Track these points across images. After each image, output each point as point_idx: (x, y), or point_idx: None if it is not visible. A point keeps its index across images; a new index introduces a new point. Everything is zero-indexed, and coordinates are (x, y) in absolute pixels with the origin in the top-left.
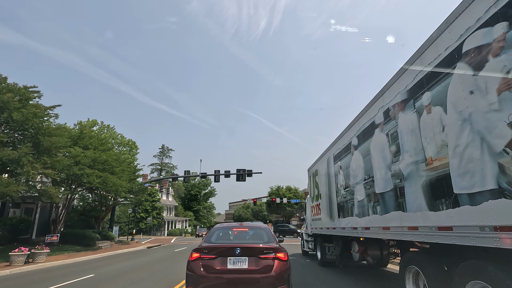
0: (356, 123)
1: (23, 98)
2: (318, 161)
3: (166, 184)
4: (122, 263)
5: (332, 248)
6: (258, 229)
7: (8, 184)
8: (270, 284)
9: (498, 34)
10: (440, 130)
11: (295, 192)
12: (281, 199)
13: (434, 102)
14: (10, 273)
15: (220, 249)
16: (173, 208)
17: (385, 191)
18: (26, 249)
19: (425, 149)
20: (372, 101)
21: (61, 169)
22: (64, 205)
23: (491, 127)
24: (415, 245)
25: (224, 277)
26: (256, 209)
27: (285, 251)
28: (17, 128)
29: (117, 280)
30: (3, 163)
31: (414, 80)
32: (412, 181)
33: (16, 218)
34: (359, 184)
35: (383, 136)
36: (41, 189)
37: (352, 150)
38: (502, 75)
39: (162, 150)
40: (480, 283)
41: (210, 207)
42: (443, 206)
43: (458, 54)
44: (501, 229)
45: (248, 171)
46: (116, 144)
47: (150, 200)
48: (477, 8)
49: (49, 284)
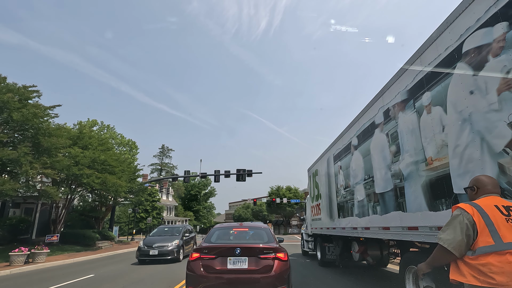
0: (356, 123)
1: (22, 98)
2: (318, 161)
3: (166, 184)
4: (122, 263)
5: (332, 248)
6: (258, 229)
7: (3, 183)
8: (270, 284)
9: (498, 34)
10: (440, 130)
11: (295, 192)
12: (281, 199)
13: (434, 102)
14: (10, 273)
15: (220, 249)
16: (173, 208)
17: (385, 191)
18: (26, 249)
19: (425, 149)
20: (372, 101)
21: (61, 169)
22: (64, 205)
23: (491, 127)
24: (415, 245)
25: (224, 277)
26: (256, 209)
27: (285, 251)
28: (17, 128)
29: (117, 280)
30: (3, 163)
31: (414, 80)
32: (412, 181)
33: (16, 218)
34: (359, 184)
35: (383, 136)
36: (41, 189)
37: (352, 150)
38: (502, 75)
39: (162, 150)
40: None
41: (210, 207)
42: (443, 206)
43: (458, 54)
44: None
45: (248, 171)
46: (116, 144)
47: (150, 200)
48: (477, 8)
49: (49, 284)
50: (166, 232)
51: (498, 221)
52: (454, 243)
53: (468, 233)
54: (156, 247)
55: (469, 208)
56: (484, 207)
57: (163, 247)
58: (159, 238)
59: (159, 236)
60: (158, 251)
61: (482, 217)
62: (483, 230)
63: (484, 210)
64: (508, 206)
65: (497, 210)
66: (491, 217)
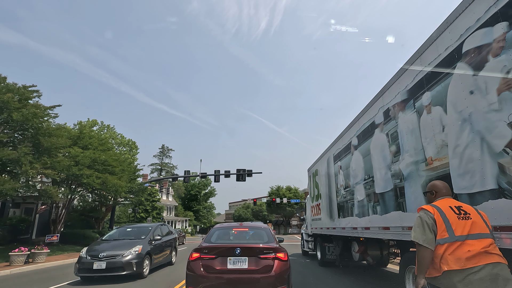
0: (356, 123)
1: (22, 98)
2: (318, 161)
3: (166, 184)
4: None
5: (332, 248)
6: (258, 229)
7: (4, 183)
8: (270, 284)
9: (498, 34)
10: (440, 130)
11: (295, 192)
12: (281, 199)
13: (434, 102)
14: (10, 273)
15: (220, 249)
16: (173, 208)
17: (385, 191)
18: (26, 249)
19: (425, 149)
20: (372, 101)
21: (61, 170)
22: (64, 205)
23: (491, 127)
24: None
25: (224, 277)
26: (256, 209)
27: (285, 251)
28: (17, 128)
29: (116, 279)
30: (3, 163)
31: (414, 80)
32: (412, 181)
33: (16, 218)
34: (359, 184)
35: (383, 136)
36: (41, 189)
37: (352, 150)
38: (502, 75)
39: (162, 150)
40: None
41: (210, 207)
42: None
43: (458, 54)
44: (501, 229)
45: (248, 171)
46: (116, 144)
47: (150, 200)
48: (477, 8)
49: (49, 284)
50: (128, 234)
51: (451, 218)
52: (427, 239)
53: (433, 228)
54: (104, 258)
55: (431, 209)
56: (441, 207)
57: (114, 257)
58: (113, 244)
59: (115, 241)
60: (107, 263)
61: (441, 216)
62: (441, 226)
63: (442, 210)
64: (459, 206)
65: (451, 210)
66: (447, 215)
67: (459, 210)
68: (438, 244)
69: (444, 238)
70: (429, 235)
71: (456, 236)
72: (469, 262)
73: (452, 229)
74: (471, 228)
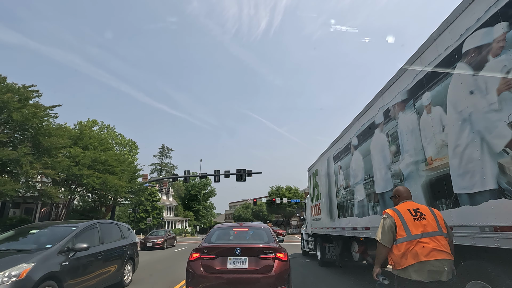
0: (356, 123)
1: (22, 98)
2: (318, 161)
3: (166, 184)
4: None
5: (332, 248)
6: (258, 229)
7: (4, 183)
8: (270, 284)
9: (498, 34)
10: (440, 130)
11: (295, 192)
12: (281, 199)
13: (434, 102)
14: None
15: (220, 249)
16: (173, 208)
17: (385, 191)
18: None
19: (425, 149)
20: (372, 101)
21: (61, 170)
22: (64, 205)
23: (491, 127)
24: None
25: (224, 277)
26: (256, 209)
27: (285, 251)
28: (17, 128)
29: None
30: (3, 163)
31: (414, 80)
32: (412, 181)
33: (16, 218)
34: (359, 184)
35: (383, 136)
36: (41, 189)
37: (352, 150)
38: (502, 75)
39: (162, 150)
40: (480, 283)
41: (210, 207)
42: (443, 206)
43: (458, 54)
44: (501, 229)
45: (248, 171)
46: (116, 144)
47: (150, 200)
48: (477, 8)
49: None
50: (25, 242)
51: (408, 220)
52: (386, 238)
53: (392, 230)
54: None
55: (391, 212)
56: (401, 211)
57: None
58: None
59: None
60: None
61: (399, 218)
62: (400, 227)
63: (400, 213)
64: (416, 208)
65: (409, 212)
66: (404, 217)
67: (416, 212)
68: (399, 242)
69: (403, 237)
70: (388, 236)
71: (412, 235)
72: (423, 256)
73: (409, 229)
74: (425, 227)
